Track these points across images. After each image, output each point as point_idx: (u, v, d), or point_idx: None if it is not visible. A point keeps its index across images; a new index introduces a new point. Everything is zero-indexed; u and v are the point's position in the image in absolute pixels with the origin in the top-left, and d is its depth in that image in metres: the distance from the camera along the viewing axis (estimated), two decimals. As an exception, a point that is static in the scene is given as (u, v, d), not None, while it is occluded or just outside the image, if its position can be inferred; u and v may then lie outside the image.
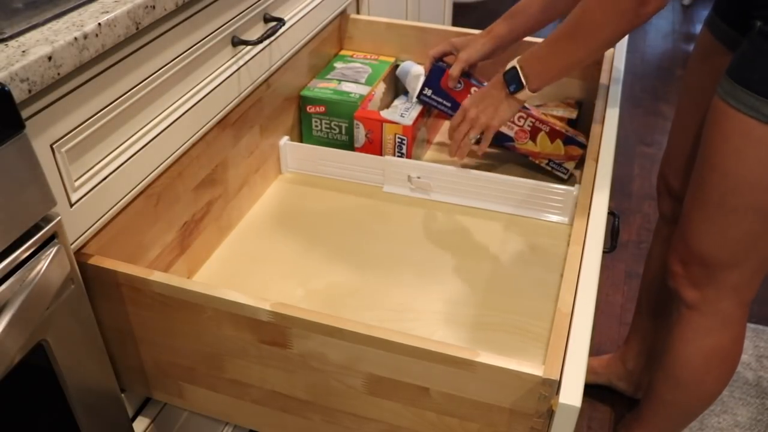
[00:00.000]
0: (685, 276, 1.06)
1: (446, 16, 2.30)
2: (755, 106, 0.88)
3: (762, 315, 1.75)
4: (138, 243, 0.86)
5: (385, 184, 1.17)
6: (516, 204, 1.11)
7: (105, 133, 0.75)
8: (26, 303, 0.63)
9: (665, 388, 1.18)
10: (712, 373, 1.12)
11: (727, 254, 1.00)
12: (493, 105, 1.03)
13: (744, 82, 0.89)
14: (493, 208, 1.13)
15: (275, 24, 1.01)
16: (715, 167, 0.96)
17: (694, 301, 1.07)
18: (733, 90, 0.90)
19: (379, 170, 1.17)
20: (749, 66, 0.89)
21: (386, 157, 1.15)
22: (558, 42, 0.95)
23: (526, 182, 1.09)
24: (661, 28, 3.25)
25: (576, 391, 0.62)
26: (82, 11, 0.69)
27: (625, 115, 2.57)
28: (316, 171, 1.21)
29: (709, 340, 1.09)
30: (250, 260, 1.04)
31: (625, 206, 2.13)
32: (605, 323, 1.73)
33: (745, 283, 1.03)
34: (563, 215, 1.10)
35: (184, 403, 0.88)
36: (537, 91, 1.00)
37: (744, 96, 0.89)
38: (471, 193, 1.13)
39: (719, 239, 0.99)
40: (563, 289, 0.76)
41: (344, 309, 0.95)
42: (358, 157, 1.18)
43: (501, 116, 1.04)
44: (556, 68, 0.97)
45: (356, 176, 1.19)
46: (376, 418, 0.77)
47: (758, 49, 0.87)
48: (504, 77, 1.01)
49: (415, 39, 1.33)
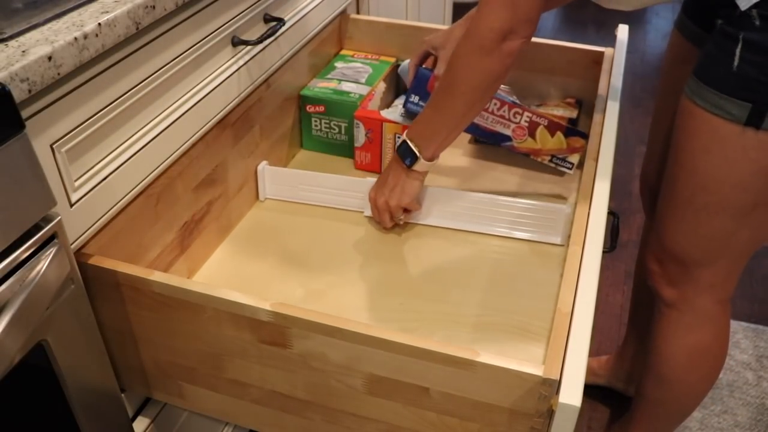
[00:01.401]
0: (662, 274, 1.07)
1: (446, 16, 2.30)
2: (719, 104, 0.88)
3: (762, 315, 1.75)
4: (138, 243, 0.86)
5: (365, 208, 1.12)
6: (508, 225, 1.07)
7: (105, 133, 0.75)
8: (26, 303, 0.63)
9: (651, 386, 1.19)
10: (696, 370, 1.12)
11: (700, 252, 1.00)
12: (398, 185, 1.03)
13: (708, 81, 0.89)
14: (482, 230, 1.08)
15: (275, 24, 1.01)
16: (684, 166, 0.96)
17: (672, 299, 1.07)
18: (698, 89, 0.90)
19: (359, 193, 1.11)
20: (713, 64, 0.89)
21: (368, 179, 1.10)
22: (437, 100, 0.95)
23: (515, 201, 1.05)
24: (661, 28, 3.24)
25: (576, 391, 0.62)
26: (82, 11, 0.69)
27: (625, 115, 2.57)
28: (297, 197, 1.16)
29: (690, 338, 1.09)
30: (250, 260, 1.04)
31: (625, 206, 2.13)
32: (605, 323, 1.73)
33: (720, 280, 1.03)
34: (555, 235, 1.06)
35: (184, 403, 0.88)
36: (433, 159, 1.00)
37: (709, 95, 0.89)
38: (456, 214, 1.09)
39: (691, 237, 1.00)
40: (563, 289, 0.76)
41: (344, 309, 0.95)
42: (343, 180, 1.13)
43: (410, 193, 1.03)
44: (443, 129, 0.97)
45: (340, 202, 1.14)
46: (376, 418, 0.77)
47: (720, 48, 0.87)
48: (397, 153, 1.01)
49: (415, 39, 1.32)
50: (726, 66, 0.86)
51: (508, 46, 0.86)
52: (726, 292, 1.05)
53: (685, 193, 0.97)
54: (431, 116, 0.97)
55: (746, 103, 0.86)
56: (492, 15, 0.85)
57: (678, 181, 0.98)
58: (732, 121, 0.88)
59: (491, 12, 0.85)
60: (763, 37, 0.82)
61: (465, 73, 0.90)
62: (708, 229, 0.97)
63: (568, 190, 1.18)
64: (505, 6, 0.84)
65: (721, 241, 0.98)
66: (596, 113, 1.08)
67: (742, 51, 0.84)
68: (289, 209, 1.14)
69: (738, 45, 0.84)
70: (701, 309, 1.06)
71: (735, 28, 0.85)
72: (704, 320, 1.07)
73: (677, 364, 1.12)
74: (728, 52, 0.86)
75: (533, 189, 1.18)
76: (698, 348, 1.10)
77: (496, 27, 0.85)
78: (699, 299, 1.05)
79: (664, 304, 1.09)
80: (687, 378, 1.13)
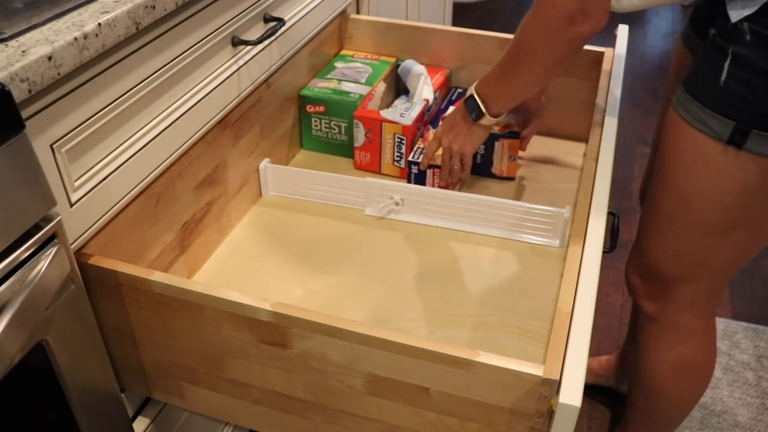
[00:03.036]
0: (643, 289, 1.05)
1: (446, 16, 2.30)
2: (703, 119, 0.84)
3: (762, 315, 1.75)
4: (138, 243, 0.86)
5: (366, 207, 1.12)
6: (506, 228, 1.08)
7: (105, 133, 0.75)
8: (26, 303, 0.63)
9: (639, 397, 1.18)
10: (681, 383, 1.11)
11: (680, 269, 0.98)
12: (462, 133, 1.03)
13: (694, 93, 0.85)
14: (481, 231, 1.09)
15: (275, 24, 1.01)
16: (666, 182, 0.94)
17: (653, 314, 1.05)
18: (684, 100, 0.87)
19: (361, 193, 1.12)
20: (700, 77, 0.84)
21: (368, 179, 1.10)
22: (505, 66, 0.93)
23: (514, 204, 1.05)
24: (661, 28, 3.24)
25: (576, 391, 0.62)
26: (82, 11, 0.69)
27: (625, 115, 2.57)
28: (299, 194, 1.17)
29: (673, 352, 1.07)
30: (250, 260, 1.04)
31: (625, 206, 2.13)
32: (605, 323, 1.73)
33: (701, 297, 1.00)
34: (554, 238, 1.06)
35: (184, 403, 0.88)
36: (499, 116, 0.98)
37: (694, 108, 0.85)
38: (456, 215, 1.09)
39: (672, 254, 0.97)
40: (563, 289, 0.76)
41: (344, 309, 0.95)
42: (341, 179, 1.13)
43: (473, 143, 1.03)
44: (510, 92, 0.95)
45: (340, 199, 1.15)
46: (376, 418, 0.77)
47: (710, 59, 0.83)
48: (465, 105, 1.00)
49: (415, 39, 1.33)
50: (713, 80, 0.82)
51: (577, 31, 0.79)
52: (708, 307, 1.03)
53: (667, 210, 0.95)
54: (498, 78, 0.95)
55: (730, 121, 0.82)
56: None
57: (660, 197, 0.96)
58: (714, 138, 0.84)
59: None
60: (752, 52, 0.78)
61: (531, 51, 0.86)
62: (689, 247, 0.95)
63: (570, 191, 1.18)
64: None
65: (701, 259, 0.95)
66: (596, 113, 1.08)
67: (730, 66, 0.80)
68: (289, 208, 1.14)
69: (727, 59, 0.80)
70: (682, 324, 1.04)
71: (725, 41, 0.81)
72: (686, 335, 1.05)
73: (662, 377, 1.10)
74: (717, 65, 0.82)
75: (533, 191, 1.19)
76: (681, 362, 1.08)
77: (560, 7, 0.78)
78: (680, 315, 1.03)
79: (646, 317, 1.07)
80: (672, 391, 1.12)
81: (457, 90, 1.34)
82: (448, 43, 1.31)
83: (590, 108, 1.19)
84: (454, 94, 1.33)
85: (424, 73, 1.28)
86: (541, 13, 0.82)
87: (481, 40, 1.29)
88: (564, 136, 1.31)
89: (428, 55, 1.33)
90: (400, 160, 1.19)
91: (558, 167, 1.24)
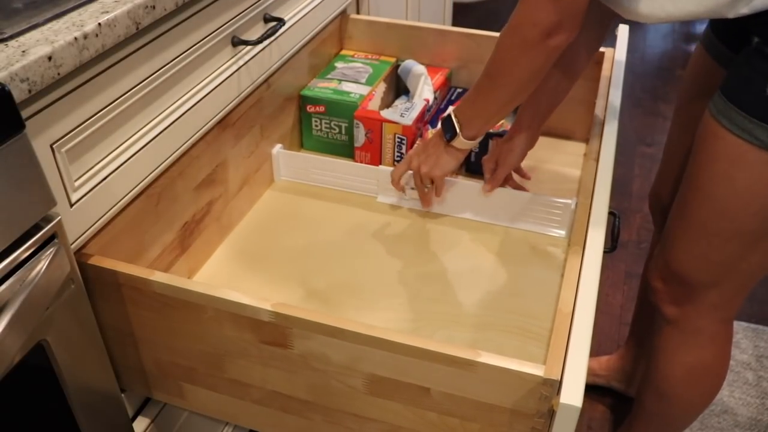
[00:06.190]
0: (665, 292, 1.04)
1: (446, 16, 2.30)
2: (748, 128, 0.83)
3: (762, 315, 1.75)
4: (138, 243, 0.86)
5: (379, 194, 1.15)
6: (513, 217, 1.09)
7: (105, 133, 0.75)
8: (26, 303, 0.63)
9: (650, 399, 1.17)
10: (694, 388, 1.10)
11: (707, 276, 0.97)
12: (435, 155, 1.02)
13: (738, 102, 0.84)
14: (490, 221, 1.10)
15: (275, 24, 1.01)
16: (700, 188, 0.92)
17: (674, 318, 1.05)
18: (725, 109, 0.85)
19: (373, 180, 1.14)
20: (744, 85, 0.83)
21: (381, 167, 1.13)
22: (481, 84, 0.93)
23: (523, 194, 1.07)
24: (661, 28, 3.25)
25: (577, 391, 0.62)
26: (82, 11, 0.69)
27: (625, 115, 2.57)
28: (310, 180, 1.19)
29: (691, 356, 1.07)
30: (251, 260, 1.04)
31: (625, 206, 2.13)
32: (605, 323, 1.73)
33: (725, 301, 1.00)
34: (561, 228, 1.07)
35: (185, 403, 0.88)
36: (473, 139, 0.97)
37: (737, 117, 0.84)
38: (467, 205, 1.10)
39: (700, 261, 0.96)
40: (564, 289, 0.76)
41: (345, 309, 0.95)
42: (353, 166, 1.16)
43: (442, 167, 1.02)
44: (486, 112, 0.94)
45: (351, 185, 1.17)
46: (377, 418, 0.77)
47: (754, 68, 0.82)
48: (441, 125, 1.00)
49: (415, 39, 1.33)
50: (759, 88, 0.81)
51: (554, 42, 0.81)
52: (730, 312, 1.02)
53: (699, 217, 0.93)
54: (475, 99, 0.95)
55: None
56: (536, 8, 0.80)
57: (692, 204, 0.94)
58: (759, 146, 0.83)
59: (535, 5, 0.80)
60: None
61: (508, 66, 0.87)
62: (719, 254, 0.93)
63: (570, 191, 1.18)
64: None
65: (730, 265, 0.94)
66: (596, 113, 1.08)
67: None
68: (290, 208, 1.14)
69: None
70: (703, 328, 1.04)
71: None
72: (706, 339, 1.05)
73: (676, 381, 1.10)
74: (763, 74, 0.81)
75: (533, 191, 1.19)
76: (698, 366, 1.07)
77: (540, 22, 0.80)
78: (702, 319, 1.02)
79: (665, 321, 1.07)
80: (685, 395, 1.11)
81: (456, 90, 1.34)
82: (448, 43, 1.31)
83: (590, 108, 1.19)
84: (454, 94, 1.33)
85: (425, 73, 1.28)
86: (519, 29, 0.83)
87: (481, 40, 1.29)
88: (564, 136, 1.31)
89: (428, 55, 1.33)
90: (400, 160, 1.19)
91: (558, 167, 1.24)
